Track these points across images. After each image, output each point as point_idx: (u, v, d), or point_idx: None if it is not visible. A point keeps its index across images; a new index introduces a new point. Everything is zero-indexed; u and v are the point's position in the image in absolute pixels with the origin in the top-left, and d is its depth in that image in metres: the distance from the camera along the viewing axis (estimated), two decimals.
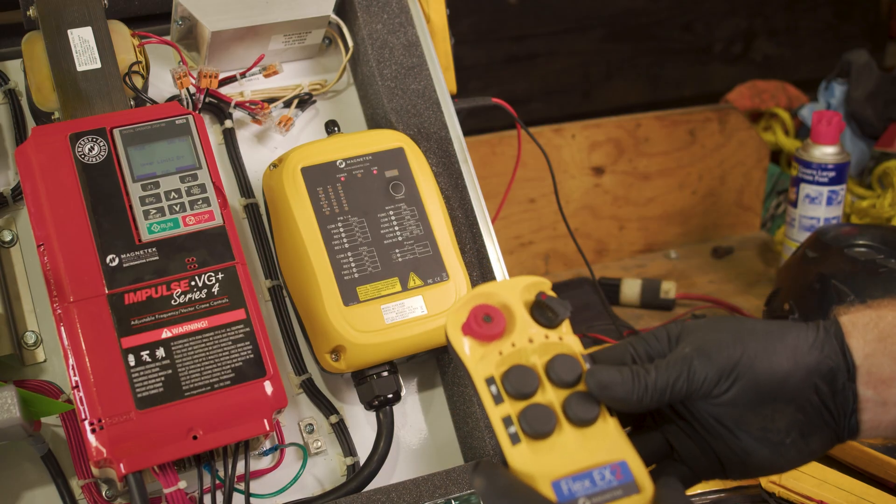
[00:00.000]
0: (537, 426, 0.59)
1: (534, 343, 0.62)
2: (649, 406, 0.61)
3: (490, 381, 0.60)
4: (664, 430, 0.66)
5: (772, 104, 1.72)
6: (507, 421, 0.59)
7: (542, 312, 0.63)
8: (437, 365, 0.95)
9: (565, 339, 0.63)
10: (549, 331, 0.63)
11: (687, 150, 1.58)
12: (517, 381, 0.60)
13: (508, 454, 0.59)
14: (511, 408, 0.60)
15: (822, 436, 0.62)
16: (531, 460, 0.58)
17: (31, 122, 0.89)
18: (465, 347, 0.61)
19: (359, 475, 0.86)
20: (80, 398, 0.74)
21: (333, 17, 0.97)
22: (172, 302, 0.78)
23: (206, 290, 0.79)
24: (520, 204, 1.47)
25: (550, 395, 0.61)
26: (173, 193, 0.81)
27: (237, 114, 0.95)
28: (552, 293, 0.64)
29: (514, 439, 0.59)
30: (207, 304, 0.79)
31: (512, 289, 0.63)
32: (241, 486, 0.80)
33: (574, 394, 0.61)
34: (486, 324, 0.61)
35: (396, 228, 0.89)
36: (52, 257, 0.77)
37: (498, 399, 0.60)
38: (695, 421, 0.64)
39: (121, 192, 0.80)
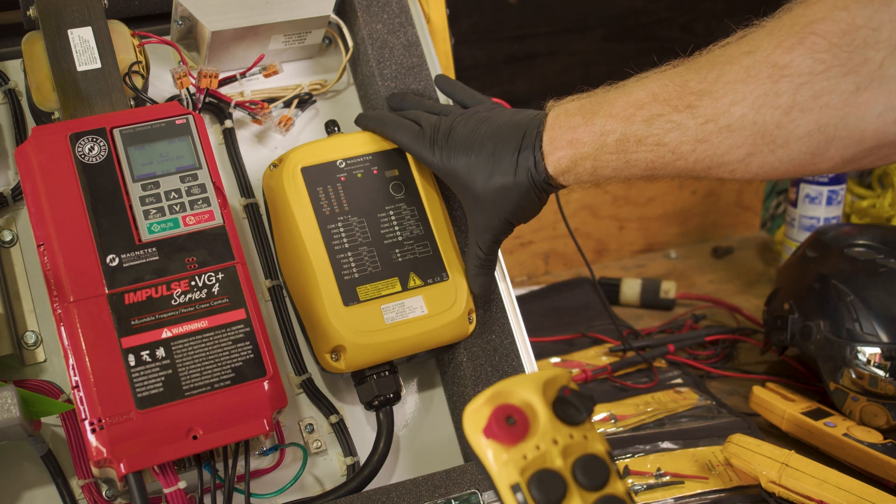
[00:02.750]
0: None
1: (558, 444, 0.60)
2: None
3: (516, 488, 0.58)
4: None
5: None
6: None
7: (566, 410, 0.61)
8: (436, 365, 0.95)
9: (589, 436, 0.61)
10: (572, 429, 0.60)
11: None
12: (544, 488, 0.58)
13: None
14: None
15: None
16: None
17: (31, 122, 0.89)
18: (488, 452, 0.59)
19: (359, 475, 0.86)
20: (80, 398, 0.74)
21: (333, 17, 0.97)
22: (172, 302, 0.78)
23: (206, 290, 0.79)
24: None
25: (578, 501, 0.58)
26: (173, 193, 0.81)
27: (237, 114, 0.95)
28: (574, 386, 0.62)
29: None
30: (207, 304, 0.79)
31: (533, 385, 0.61)
32: (241, 486, 0.80)
33: (602, 497, 0.59)
34: (509, 426, 0.59)
35: (396, 228, 0.89)
36: (52, 257, 0.77)
37: None
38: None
39: (121, 191, 0.80)
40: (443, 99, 0.96)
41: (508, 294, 0.93)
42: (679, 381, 1.19)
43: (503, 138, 0.82)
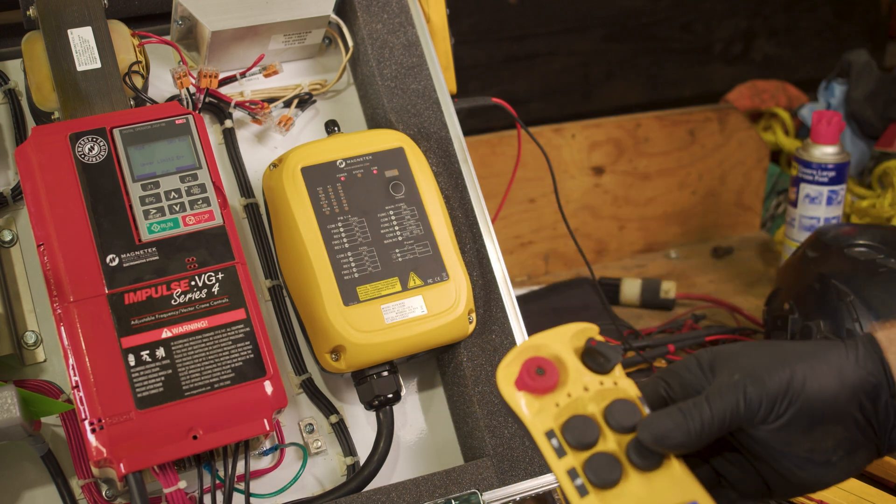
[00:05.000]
0: (604, 475, 0.58)
1: (589, 391, 0.61)
2: (707, 442, 0.60)
3: (550, 434, 0.60)
4: (707, 457, 0.65)
5: (772, 104, 1.72)
6: (572, 473, 0.58)
7: (594, 359, 0.62)
8: (437, 365, 0.95)
9: (620, 383, 0.62)
10: (602, 377, 0.62)
11: (687, 150, 1.58)
12: (578, 432, 0.59)
13: None
14: (574, 459, 0.59)
15: (866, 451, 0.62)
16: None
17: (31, 122, 0.89)
18: (521, 403, 0.60)
19: (359, 475, 0.86)
20: (80, 398, 0.74)
21: (333, 16, 0.97)
22: (172, 302, 0.78)
23: (206, 290, 0.79)
24: (520, 204, 1.47)
25: (612, 443, 0.60)
26: (173, 193, 0.81)
27: (237, 114, 0.95)
28: (601, 338, 0.63)
29: (582, 491, 0.58)
30: (207, 304, 0.79)
31: (560, 338, 0.63)
32: (241, 486, 0.80)
33: (636, 439, 0.60)
34: (539, 377, 0.60)
35: (396, 228, 0.89)
36: (52, 257, 0.77)
37: (560, 452, 0.59)
38: (740, 446, 0.63)
39: (121, 191, 0.80)
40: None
41: (508, 294, 0.93)
42: None
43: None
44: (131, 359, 0.76)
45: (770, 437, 0.61)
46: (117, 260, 0.78)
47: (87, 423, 0.74)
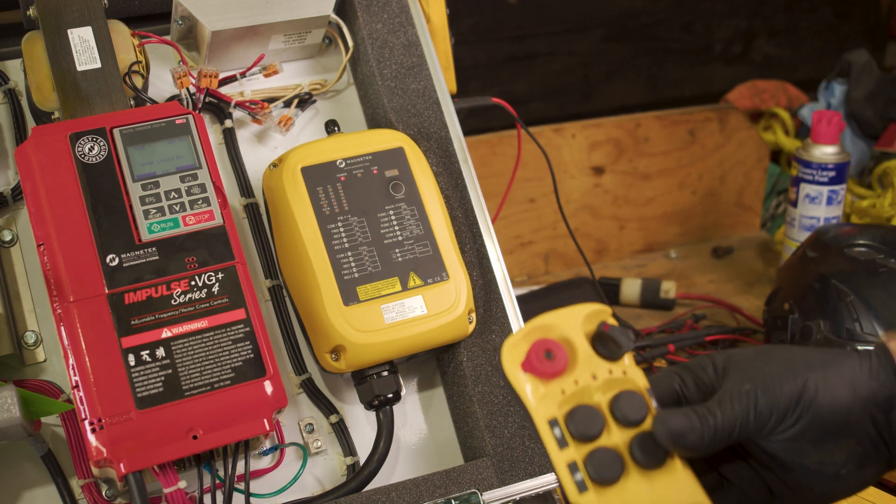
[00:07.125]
0: (605, 472, 0.56)
1: (597, 379, 0.59)
2: (715, 450, 0.59)
3: (553, 423, 0.58)
4: (714, 464, 0.64)
5: (772, 104, 1.72)
6: (572, 467, 0.57)
7: (605, 344, 0.60)
8: (437, 365, 0.95)
9: (629, 372, 0.60)
10: (611, 364, 0.60)
11: (687, 150, 1.58)
12: (582, 423, 0.57)
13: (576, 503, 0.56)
14: (576, 452, 0.57)
15: (877, 465, 0.61)
16: None
17: (31, 122, 0.89)
18: (526, 387, 0.58)
19: (359, 475, 0.86)
20: (80, 398, 0.74)
21: (333, 16, 0.97)
22: (172, 302, 0.78)
23: (206, 290, 0.79)
24: (520, 204, 1.47)
25: (616, 437, 0.58)
26: (173, 193, 0.81)
27: (237, 113, 0.95)
28: (614, 321, 0.61)
29: (581, 487, 0.56)
30: (207, 304, 0.79)
31: (572, 320, 0.60)
32: (241, 486, 0.80)
33: (640, 434, 0.58)
34: (547, 361, 0.58)
35: (396, 228, 0.89)
36: (52, 257, 0.77)
37: (562, 443, 0.57)
38: (748, 455, 0.63)
39: (121, 191, 0.80)
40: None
41: (508, 294, 0.93)
42: None
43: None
44: (131, 359, 0.76)
45: (779, 448, 0.60)
46: (117, 260, 0.78)
47: (87, 422, 0.74)
